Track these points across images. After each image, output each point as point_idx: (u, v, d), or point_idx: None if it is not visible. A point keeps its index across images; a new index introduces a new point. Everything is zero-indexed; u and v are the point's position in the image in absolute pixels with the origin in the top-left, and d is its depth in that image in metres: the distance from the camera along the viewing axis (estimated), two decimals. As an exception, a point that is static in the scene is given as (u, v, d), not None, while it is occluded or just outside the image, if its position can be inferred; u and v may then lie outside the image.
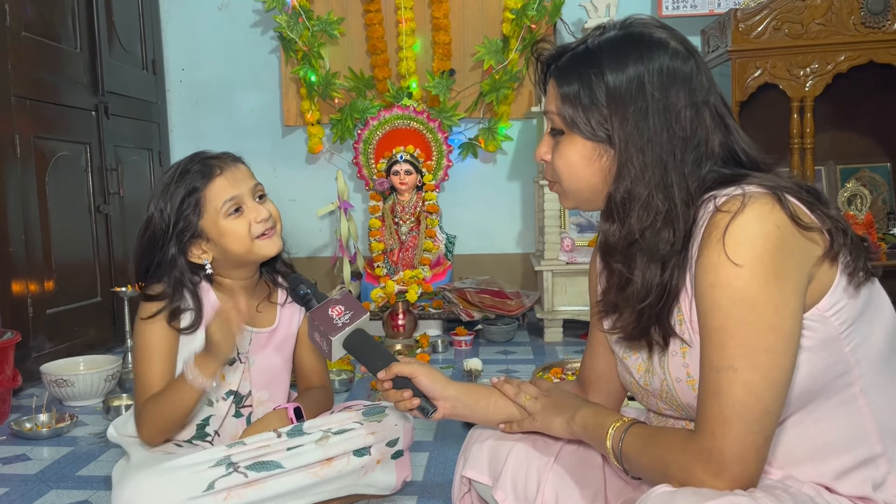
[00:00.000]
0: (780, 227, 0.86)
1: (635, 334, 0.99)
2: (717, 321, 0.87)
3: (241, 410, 1.51)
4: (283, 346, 1.56)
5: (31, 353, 2.55)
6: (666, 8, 3.43)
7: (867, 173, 3.27)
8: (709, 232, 0.89)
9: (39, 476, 1.78)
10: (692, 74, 0.95)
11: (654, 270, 0.95)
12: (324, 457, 1.43)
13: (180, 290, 1.43)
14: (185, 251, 1.44)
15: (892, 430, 0.94)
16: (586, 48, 0.99)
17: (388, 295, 3.07)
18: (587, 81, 0.96)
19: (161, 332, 1.43)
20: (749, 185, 0.90)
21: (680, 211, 0.93)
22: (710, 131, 0.95)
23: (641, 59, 0.95)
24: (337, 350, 1.28)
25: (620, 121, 0.94)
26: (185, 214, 1.41)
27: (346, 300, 1.31)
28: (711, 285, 0.88)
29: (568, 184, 1.02)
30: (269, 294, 1.56)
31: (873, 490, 0.92)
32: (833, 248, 0.89)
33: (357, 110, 3.48)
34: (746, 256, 0.85)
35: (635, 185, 0.94)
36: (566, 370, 2.31)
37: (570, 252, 3.11)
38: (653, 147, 0.93)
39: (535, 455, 1.16)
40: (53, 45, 2.83)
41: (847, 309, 0.90)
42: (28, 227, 2.60)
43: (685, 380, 0.96)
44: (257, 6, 3.62)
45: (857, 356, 0.91)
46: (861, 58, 2.76)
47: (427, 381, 1.19)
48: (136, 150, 3.41)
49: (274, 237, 1.46)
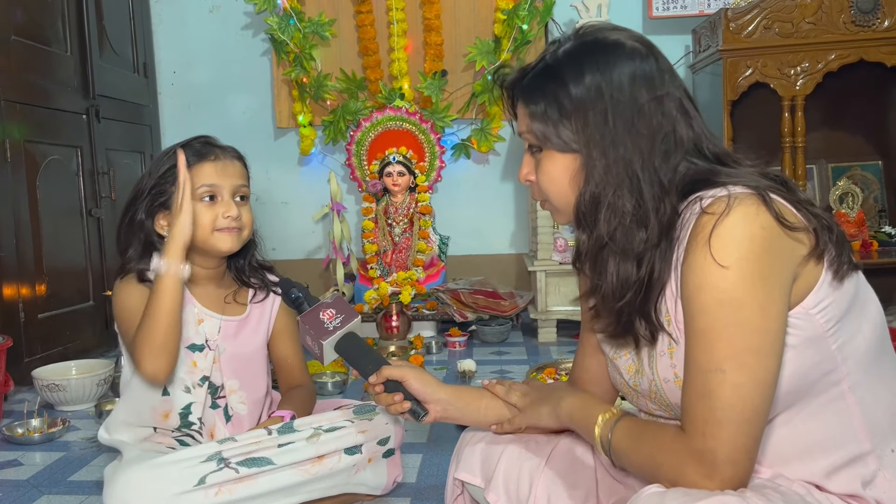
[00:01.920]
0: (766, 228, 0.87)
1: (618, 332, 1.00)
2: (704, 323, 0.88)
3: (216, 401, 1.52)
4: (256, 335, 1.57)
5: (23, 358, 2.53)
6: (656, 9, 3.43)
7: (858, 171, 3.28)
8: (695, 234, 0.89)
9: (31, 481, 1.77)
10: (652, 70, 0.96)
11: (628, 268, 0.95)
12: (315, 454, 1.43)
13: (148, 252, 1.45)
14: (153, 216, 1.47)
15: (880, 427, 0.94)
16: (545, 64, 1.00)
17: (382, 296, 3.07)
18: (551, 96, 0.98)
19: (137, 292, 1.45)
20: (734, 185, 0.91)
21: (651, 207, 0.93)
22: (676, 122, 0.96)
23: (597, 64, 0.96)
24: (329, 354, 1.28)
25: (583, 126, 0.96)
26: (165, 181, 1.46)
27: (338, 304, 1.30)
28: (698, 287, 0.88)
29: (555, 199, 1.03)
30: (236, 292, 1.58)
31: (863, 488, 0.92)
32: (818, 247, 0.90)
33: (349, 112, 3.48)
34: (732, 258, 0.86)
35: (599, 188, 0.95)
36: (560, 370, 2.31)
37: (564, 252, 3.11)
38: (615, 147, 0.94)
39: (527, 456, 1.16)
40: (43, 48, 2.82)
41: (833, 307, 0.90)
42: (19, 231, 2.59)
43: (673, 380, 0.97)
44: (248, 8, 3.61)
45: (844, 354, 0.92)
46: (851, 56, 2.78)
47: (418, 384, 1.19)
48: (127, 153, 3.40)
49: (234, 236, 1.48)
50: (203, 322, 1.52)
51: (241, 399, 1.55)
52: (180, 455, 1.36)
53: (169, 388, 1.48)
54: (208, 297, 1.54)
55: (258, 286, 1.60)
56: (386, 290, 3.09)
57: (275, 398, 1.66)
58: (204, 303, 1.53)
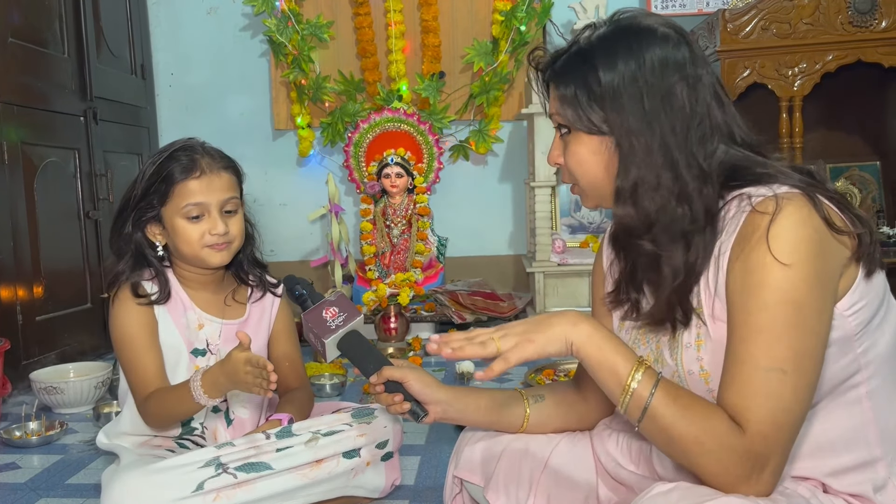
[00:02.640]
0: (819, 231, 0.87)
1: (664, 316, 0.97)
2: (764, 320, 0.86)
3: (217, 406, 1.52)
4: (255, 338, 1.56)
5: (21, 360, 2.53)
6: (655, 8, 3.45)
7: (857, 172, 3.28)
8: (748, 231, 0.89)
9: (29, 484, 1.77)
10: (684, 56, 0.96)
11: (677, 249, 0.94)
12: (313, 458, 1.43)
13: (140, 263, 1.48)
14: (143, 228, 1.48)
15: (892, 435, 0.94)
16: (578, 48, 1.00)
17: (380, 298, 3.07)
18: (582, 80, 0.97)
19: (134, 313, 1.46)
20: (781, 184, 0.91)
21: (693, 188, 0.92)
22: (709, 107, 0.96)
23: (631, 49, 0.95)
24: (331, 352, 1.28)
25: (618, 111, 0.95)
26: (151, 197, 1.46)
27: (341, 301, 1.30)
28: (759, 284, 0.87)
29: (584, 181, 1.02)
30: (235, 291, 1.58)
31: (874, 493, 0.92)
32: (860, 251, 0.90)
33: (347, 113, 3.48)
34: (794, 258, 0.85)
35: (641, 171, 0.94)
36: (558, 372, 2.31)
37: (562, 253, 3.11)
38: (652, 130, 0.94)
39: (527, 456, 1.16)
40: (41, 50, 2.82)
41: (865, 310, 0.91)
42: (16, 233, 2.58)
43: (698, 372, 0.96)
44: (246, 10, 3.61)
45: (868, 358, 0.92)
46: (849, 57, 2.78)
47: (418, 385, 1.19)
48: (125, 155, 3.39)
49: (224, 252, 1.48)
50: (203, 327, 1.52)
51: (243, 402, 1.55)
52: (178, 461, 1.35)
53: None
54: (207, 301, 1.54)
55: (256, 284, 1.59)
56: (384, 291, 3.08)
57: (272, 400, 1.66)
58: (203, 307, 1.53)
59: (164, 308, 1.49)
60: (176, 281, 1.52)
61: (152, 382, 1.45)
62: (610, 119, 0.96)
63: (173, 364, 1.49)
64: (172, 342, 1.49)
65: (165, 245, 1.51)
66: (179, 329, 1.50)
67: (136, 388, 1.46)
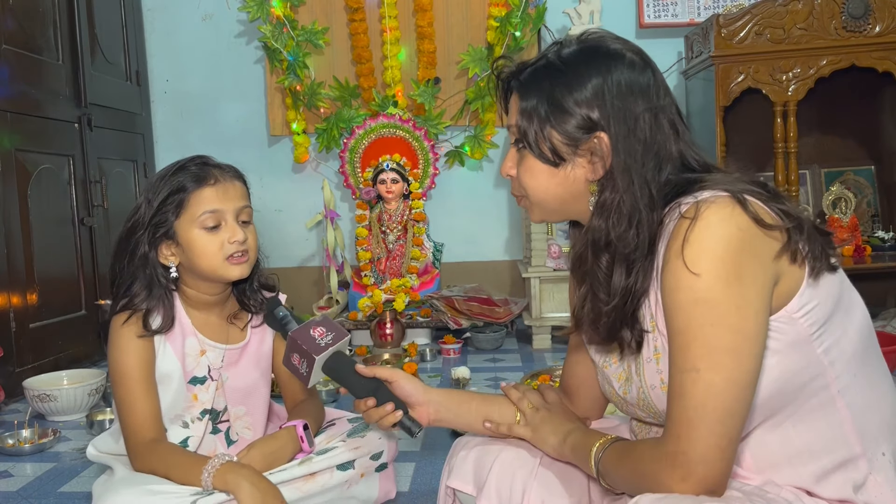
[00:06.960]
0: (743, 229, 0.87)
1: (603, 338, 1.00)
2: (680, 323, 0.88)
3: (217, 426, 1.49)
4: (259, 360, 1.53)
5: (14, 368, 2.52)
6: (647, 17, 3.44)
7: (851, 176, 3.29)
8: (673, 238, 0.90)
9: (21, 493, 1.76)
10: (649, 83, 0.98)
11: (619, 273, 0.96)
12: (307, 472, 1.42)
13: (155, 289, 1.40)
14: (156, 248, 1.41)
15: (870, 430, 0.94)
16: (546, 62, 1.01)
17: (376, 304, 3.06)
18: (547, 95, 0.98)
19: (134, 347, 1.39)
20: (710, 190, 0.91)
21: (644, 215, 0.94)
22: (667, 137, 0.97)
23: (599, 70, 0.97)
24: (317, 373, 1.26)
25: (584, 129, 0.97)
26: (165, 210, 1.39)
27: (327, 322, 1.29)
28: (674, 288, 0.89)
29: (534, 196, 1.04)
30: (235, 314, 1.52)
31: (854, 492, 0.92)
32: (790, 244, 0.90)
33: (343, 119, 3.47)
34: (707, 258, 0.86)
35: (603, 192, 0.96)
36: (554, 377, 2.31)
37: (558, 259, 3.11)
38: (616, 153, 0.95)
39: (519, 463, 1.15)
40: (35, 57, 2.82)
41: (817, 310, 0.91)
42: (10, 240, 2.58)
43: (659, 386, 0.97)
44: (241, 16, 3.61)
45: (831, 357, 0.92)
46: (843, 62, 2.78)
47: (409, 385, 1.19)
48: (120, 161, 3.39)
49: (244, 264, 1.42)
50: (206, 353, 1.46)
51: (247, 424, 1.52)
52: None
53: (166, 425, 1.43)
54: (209, 326, 1.48)
55: (257, 310, 1.53)
56: (380, 297, 3.08)
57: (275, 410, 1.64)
58: (205, 332, 1.47)
59: (163, 336, 1.42)
60: (180, 305, 1.45)
61: (148, 429, 1.38)
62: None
63: (168, 394, 1.43)
64: (169, 370, 1.43)
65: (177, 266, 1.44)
66: (178, 357, 1.44)
67: (128, 430, 1.39)
